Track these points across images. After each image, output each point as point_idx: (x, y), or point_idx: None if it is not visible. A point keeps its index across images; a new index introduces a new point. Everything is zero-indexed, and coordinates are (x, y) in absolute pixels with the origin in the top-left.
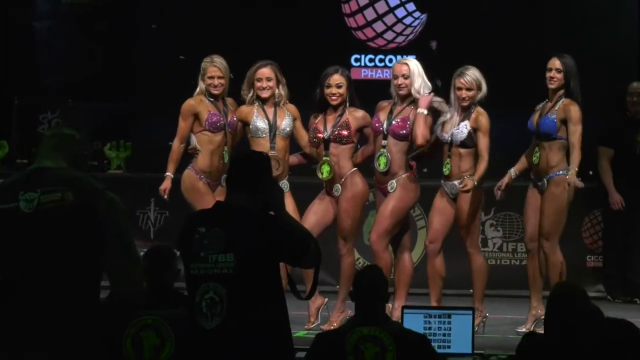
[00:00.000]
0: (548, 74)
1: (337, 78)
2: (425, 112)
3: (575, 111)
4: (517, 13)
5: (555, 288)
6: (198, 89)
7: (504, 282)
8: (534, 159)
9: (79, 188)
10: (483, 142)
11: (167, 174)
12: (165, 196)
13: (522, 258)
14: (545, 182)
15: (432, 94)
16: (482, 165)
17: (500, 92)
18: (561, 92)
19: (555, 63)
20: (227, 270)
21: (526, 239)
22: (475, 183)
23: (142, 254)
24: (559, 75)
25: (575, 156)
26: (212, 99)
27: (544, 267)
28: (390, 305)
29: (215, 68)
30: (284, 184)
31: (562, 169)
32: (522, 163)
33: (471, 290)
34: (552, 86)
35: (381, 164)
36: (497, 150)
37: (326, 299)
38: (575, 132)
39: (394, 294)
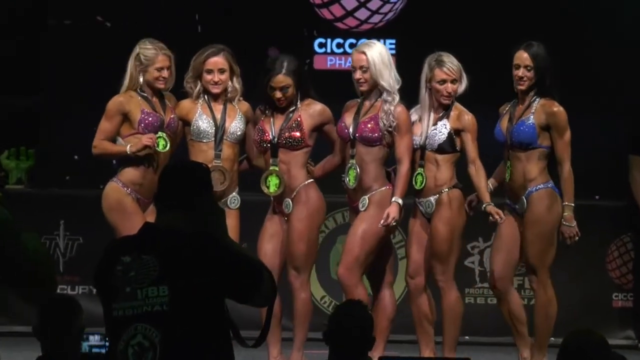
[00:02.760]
0: (516, 72)
1: (281, 80)
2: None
3: (561, 115)
4: None
5: (566, 339)
6: (127, 83)
7: (507, 327)
8: (506, 175)
9: None
10: (474, 146)
11: (123, 148)
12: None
13: (530, 296)
14: (525, 200)
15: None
16: (484, 178)
17: (494, 85)
18: (533, 90)
19: (524, 58)
20: (160, 307)
21: (492, 279)
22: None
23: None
24: (530, 74)
25: (568, 182)
26: (144, 95)
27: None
28: None
29: (164, 57)
30: (234, 199)
31: (544, 182)
32: (491, 183)
33: (467, 337)
34: (521, 87)
35: (350, 179)
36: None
37: None
38: (564, 143)
39: None
